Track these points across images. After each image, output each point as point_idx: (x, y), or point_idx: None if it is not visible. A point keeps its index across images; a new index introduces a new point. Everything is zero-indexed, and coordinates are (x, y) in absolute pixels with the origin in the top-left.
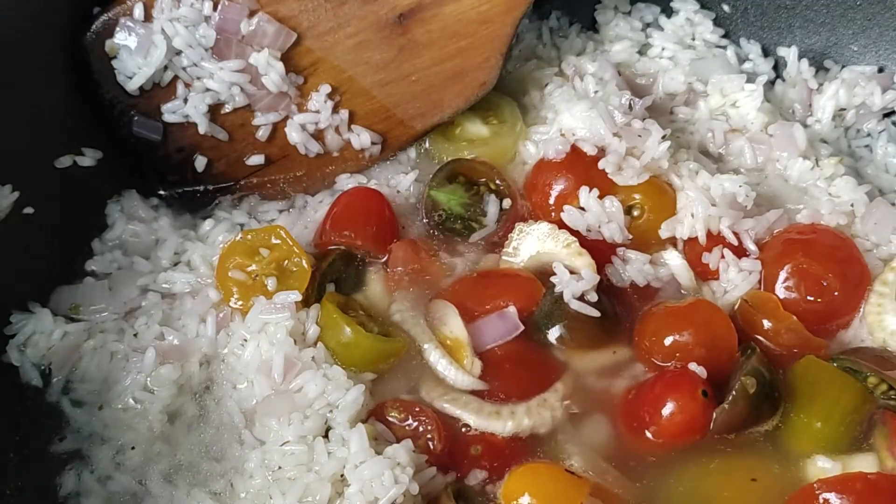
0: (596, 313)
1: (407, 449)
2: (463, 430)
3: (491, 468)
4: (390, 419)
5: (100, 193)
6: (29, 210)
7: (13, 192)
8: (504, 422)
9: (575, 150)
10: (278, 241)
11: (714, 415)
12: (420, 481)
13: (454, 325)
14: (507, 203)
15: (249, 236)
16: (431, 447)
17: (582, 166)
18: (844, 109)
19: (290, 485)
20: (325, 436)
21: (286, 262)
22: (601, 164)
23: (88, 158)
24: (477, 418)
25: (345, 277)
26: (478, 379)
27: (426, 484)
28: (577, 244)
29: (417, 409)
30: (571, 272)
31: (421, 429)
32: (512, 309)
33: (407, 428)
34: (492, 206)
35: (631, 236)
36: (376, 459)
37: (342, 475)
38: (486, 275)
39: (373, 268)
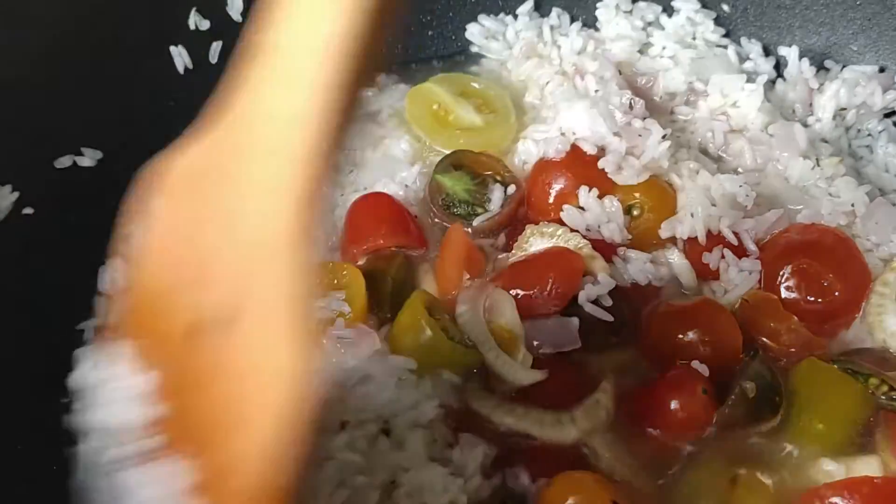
0: (610, 318)
1: (458, 457)
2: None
3: (532, 471)
4: (442, 428)
5: (101, 194)
6: (29, 210)
7: (13, 193)
8: (567, 429)
9: (575, 149)
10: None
11: (714, 417)
12: (467, 487)
13: (510, 317)
14: (511, 189)
15: None
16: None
17: (582, 166)
18: (845, 109)
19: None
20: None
21: (335, 280)
22: (601, 164)
23: (88, 159)
24: (541, 429)
25: (406, 281)
26: (534, 369)
27: (475, 490)
28: (590, 247)
29: (472, 418)
30: (584, 275)
31: (472, 437)
32: (575, 320)
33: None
34: (497, 193)
35: (630, 236)
36: (429, 465)
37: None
38: (525, 260)
39: (422, 267)
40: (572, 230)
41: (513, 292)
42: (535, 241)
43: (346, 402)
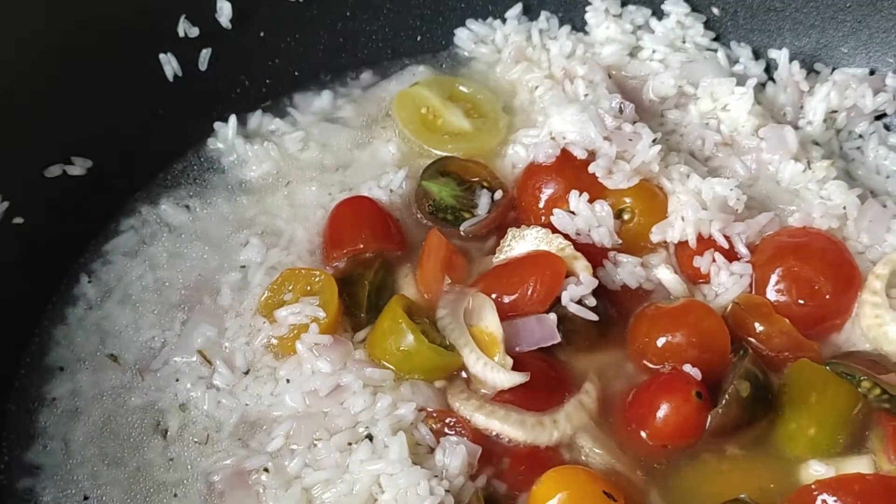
0: (594, 317)
1: (441, 459)
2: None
3: (514, 474)
4: (424, 431)
5: (90, 203)
6: (19, 220)
7: (3, 202)
8: (549, 432)
9: (565, 153)
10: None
11: (709, 418)
12: (452, 489)
13: (490, 321)
14: (498, 194)
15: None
16: None
17: (572, 170)
18: (836, 111)
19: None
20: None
21: (308, 286)
22: (591, 168)
23: (78, 168)
24: (523, 432)
25: (385, 285)
26: (516, 371)
27: (459, 492)
28: (572, 248)
29: (453, 421)
30: (567, 275)
31: (455, 439)
32: (552, 316)
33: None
34: (483, 198)
35: (621, 241)
36: (413, 469)
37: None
38: (507, 263)
39: (401, 271)
40: (554, 231)
41: (494, 296)
42: (517, 244)
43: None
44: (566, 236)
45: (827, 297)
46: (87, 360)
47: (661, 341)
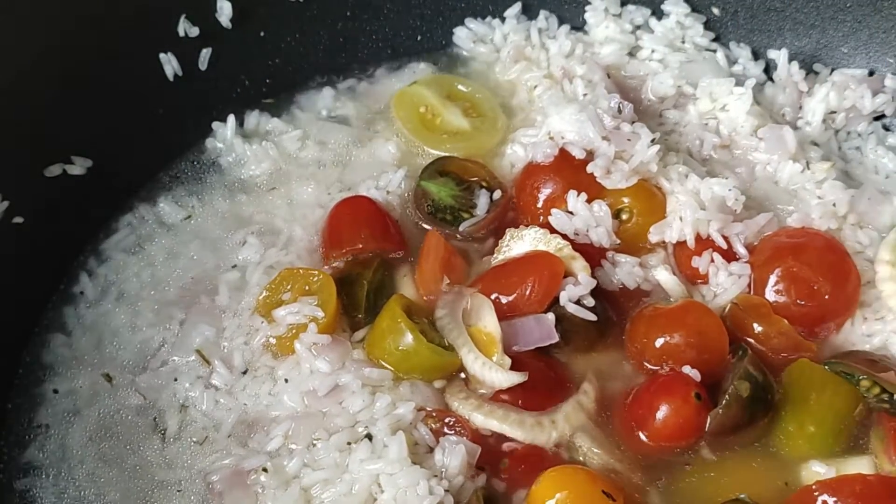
0: (592, 317)
1: (440, 459)
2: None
3: (513, 474)
4: (423, 431)
5: (89, 202)
6: (19, 220)
7: (3, 201)
8: (548, 432)
9: (563, 153)
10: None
11: (708, 418)
12: (451, 488)
13: (489, 321)
14: (497, 194)
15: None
16: None
17: (570, 170)
18: (834, 112)
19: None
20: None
21: (306, 286)
22: (589, 168)
23: (78, 167)
24: (521, 431)
25: (384, 285)
26: (514, 371)
27: (458, 491)
28: (570, 248)
29: (453, 421)
30: (565, 276)
31: (454, 438)
32: (551, 316)
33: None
34: (482, 198)
35: (619, 241)
36: (413, 468)
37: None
38: (505, 263)
39: (400, 271)
40: (552, 231)
41: (492, 296)
42: (515, 244)
43: (321, 413)
44: (564, 236)
45: (826, 297)
46: (86, 360)
47: (659, 342)
